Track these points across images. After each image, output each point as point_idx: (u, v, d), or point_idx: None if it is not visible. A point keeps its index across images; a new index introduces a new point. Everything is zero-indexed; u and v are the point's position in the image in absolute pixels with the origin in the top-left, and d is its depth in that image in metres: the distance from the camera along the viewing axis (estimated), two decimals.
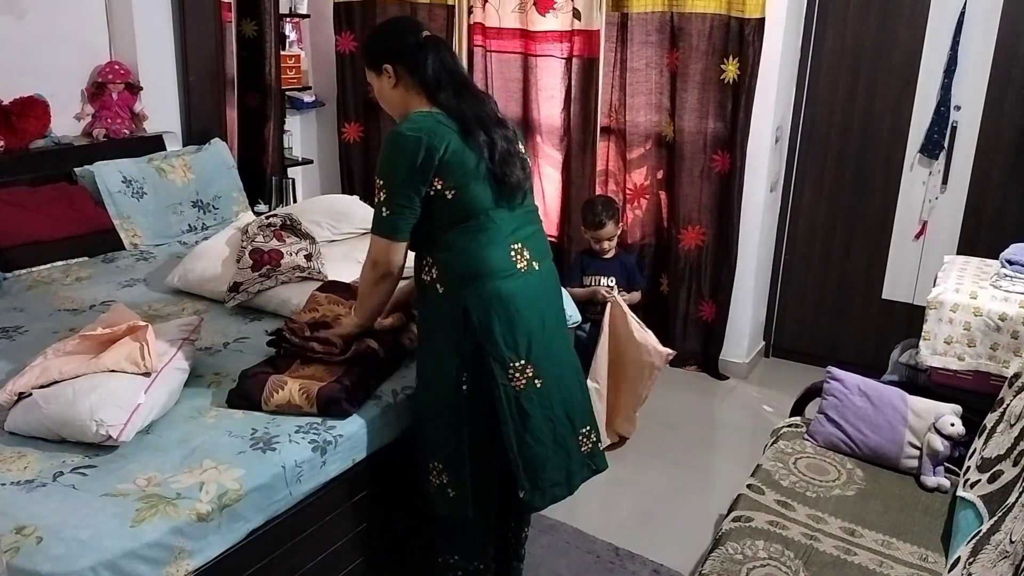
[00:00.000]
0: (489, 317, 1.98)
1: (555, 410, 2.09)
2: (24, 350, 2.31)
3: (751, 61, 3.58)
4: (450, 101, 2.00)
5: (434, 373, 2.07)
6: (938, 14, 3.56)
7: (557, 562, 2.62)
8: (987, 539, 1.65)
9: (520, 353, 2.02)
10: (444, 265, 2.01)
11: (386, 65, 2.04)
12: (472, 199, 1.97)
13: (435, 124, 1.95)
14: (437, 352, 2.06)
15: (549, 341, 2.08)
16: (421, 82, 2.02)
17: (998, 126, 3.54)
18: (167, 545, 1.66)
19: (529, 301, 2.04)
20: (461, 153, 1.95)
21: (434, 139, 1.92)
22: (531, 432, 2.05)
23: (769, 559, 1.91)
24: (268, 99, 4.10)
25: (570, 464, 2.15)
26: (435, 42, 2.07)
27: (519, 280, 2.03)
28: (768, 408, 3.74)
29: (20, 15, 3.38)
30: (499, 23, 4.05)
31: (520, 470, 2.07)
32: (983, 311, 2.52)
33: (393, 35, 2.09)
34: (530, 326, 2.03)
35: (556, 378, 2.09)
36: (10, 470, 1.79)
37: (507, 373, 2.01)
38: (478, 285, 1.98)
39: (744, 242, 3.86)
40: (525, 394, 2.03)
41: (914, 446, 2.32)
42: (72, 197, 3.28)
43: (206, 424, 2.01)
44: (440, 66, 2.02)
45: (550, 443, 2.09)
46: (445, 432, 2.07)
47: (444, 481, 2.10)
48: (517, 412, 2.03)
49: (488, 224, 1.99)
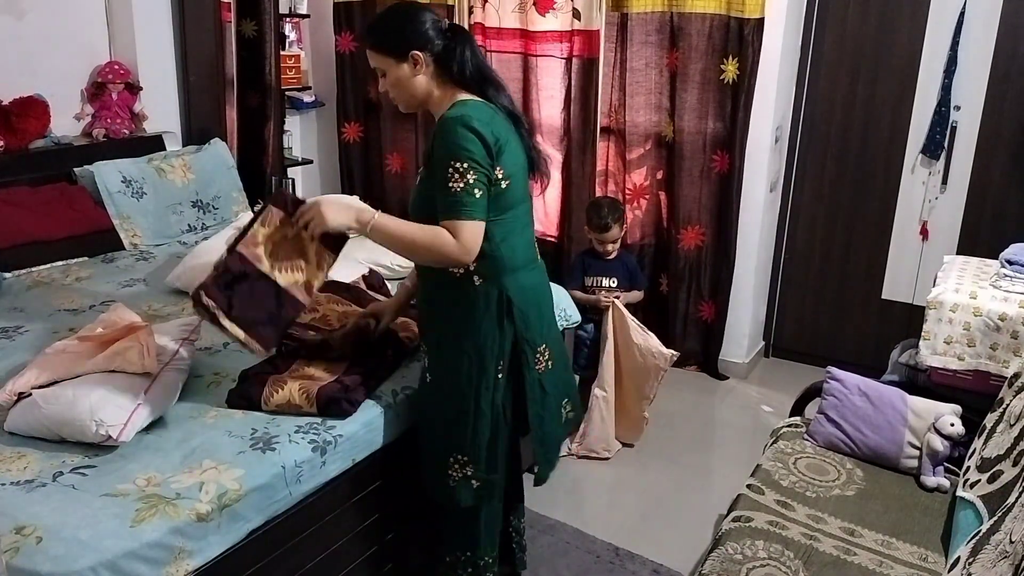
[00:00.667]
0: (527, 305, 2.07)
1: (558, 387, 2.23)
2: (24, 350, 2.32)
3: (751, 61, 3.58)
4: (496, 96, 2.02)
5: (466, 365, 2.05)
6: (938, 14, 3.56)
7: (557, 562, 2.62)
8: (987, 539, 1.65)
9: (544, 338, 2.14)
10: (485, 256, 1.99)
11: (414, 52, 1.96)
12: (517, 191, 2.02)
13: (491, 114, 1.97)
14: (472, 343, 2.04)
15: (555, 323, 2.26)
16: (458, 73, 1.99)
17: (998, 126, 3.54)
18: (167, 545, 1.66)
19: (546, 289, 2.20)
20: (515, 145, 2.01)
21: (497, 127, 1.94)
22: (548, 410, 2.18)
23: (769, 559, 1.91)
24: (268, 99, 4.10)
25: (561, 434, 2.35)
26: (464, 32, 2.06)
27: (539, 270, 2.17)
28: (768, 408, 3.74)
29: (20, 15, 3.38)
30: (499, 23, 4.04)
31: (540, 447, 2.21)
32: (983, 311, 2.52)
33: (420, 22, 1.99)
34: (548, 312, 2.19)
35: (559, 357, 2.23)
36: (10, 470, 1.79)
37: (535, 357, 2.11)
38: (515, 276, 2.05)
39: (744, 242, 3.86)
40: (545, 376, 2.14)
41: (914, 446, 2.32)
42: (72, 197, 3.28)
43: (206, 424, 2.01)
44: (477, 60, 2.01)
45: (558, 419, 2.24)
46: (474, 423, 2.07)
47: (468, 473, 2.11)
48: (540, 393, 2.14)
49: (522, 216, 2.07)
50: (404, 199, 4.43)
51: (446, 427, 2.12)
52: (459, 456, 2.10)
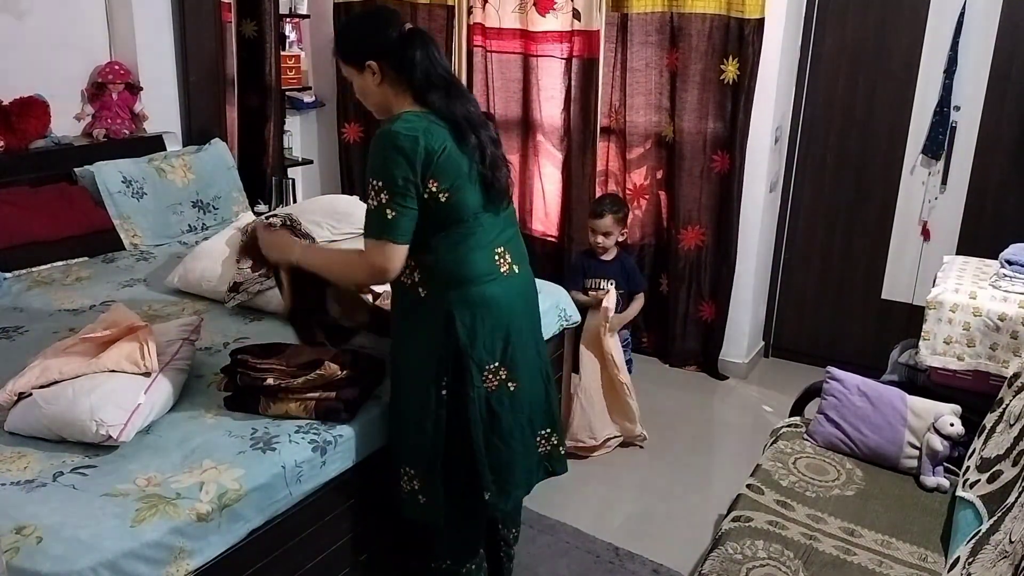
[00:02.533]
0: (474, 320, 1.96)
1: (524, 413, 2.08)
2: (24, 350, 2.31)
3: (751, 61, 3.58)
4: (441, 102, 1.93)
5: (412, 377, 2.04)
6: (938, 14, 3.56)
7: (557, 562, 2.62)
8: (986, 539, 1.65)
9: (496, 356, 2.01)
10: (428, 269, 1.97)
11: (370, 62, 1.95)
12: (463, 203, 1.93)
13: (429, 125, 1.89)
14: (416, 356, 2.02)
15: (524, 345, 2.08)
16: (408, 80, 1.94)
17: (998, 126, 3.54)
18: (167, 545, 1.66)
19: (509, 304, 2.03)
20: (456, 155, 1.91)
21: (431, 140, 1.87)
22: (500, 434, 2.04)
23: (769, 559, 1.91)
24: (268, 99, 4.10)
25: (530, 465, 2.15)
26: (420, 36, 1.98)
27: (502, 283, 2.02)
28: (768, 408, 3.74)
29: (20, 15, 3.38)
30: (499, 23, 4.04)
31: (486, 472, 2.04)
32: (982, 311, 2.52)
33: (375, 29, 1.98)
34: (508, 329, 2.02)
35: (528, 381, 2.09)
36: (10, 470, 1.79)
37: (482, 375, 2.00)
38: (464, 290, 1.96)
39: (744, 242, 3.86)
40: (496, 396, 2.02)
41: (913, 446, 2.32)
42: (72, 197, 3.28)
43: (206, 424, 2.01)
44: (429, 64, 1.94)
45: (518, 446, 2.08)
46: (419, 438, 2.04)
47: (415, 487, 2.08)
48: (487, 414, 2.02)
49: (476, 228, 1.96)
50: None
51: (398, 436, 2.11)
52: (408, 468, 2.08)
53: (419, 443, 2.04)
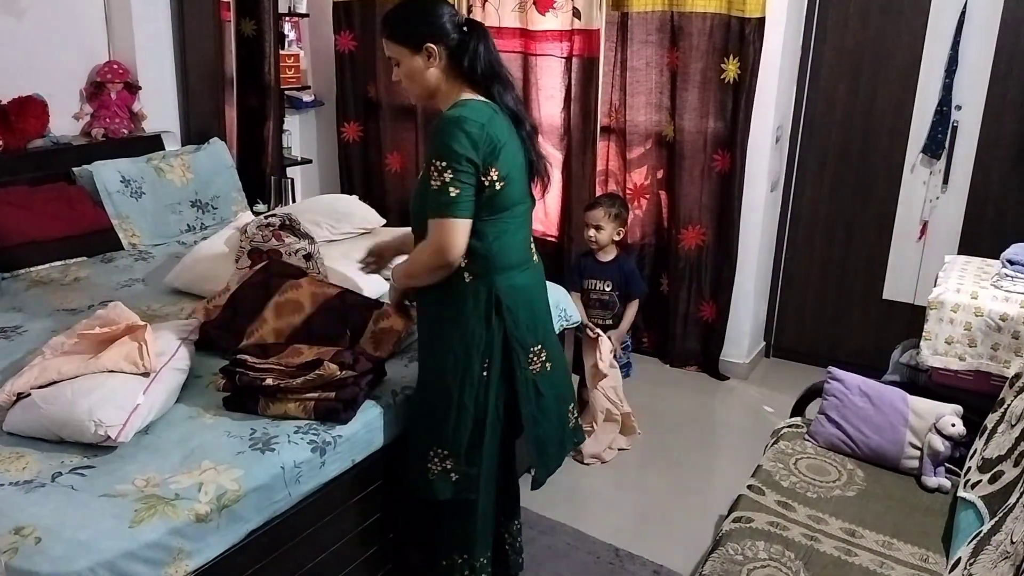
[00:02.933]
0: (518, 305, 2.06)
1: (558, 390, 2.22)
2: (23, 350, 2.31)
3: (751, 61, 3.57)
4: (502, 95, 2.02)
5: (453, 359, 2.05)
6: (938, 14, 3.55)
7: (557, 563, 2.62)
8: (988, 540, 1.64)
9: (538, 338, 2.13)
10: (475, 254, 2.00)
11: (429, 44, 1.97)
12: (514, 191, 2.02)
13: (491, 113, 1.97)
14: (460, 339, 2.04)
15: (549, 327, 2.23)
16: (468, 68, 1.99)
17: (999, 126, 3.53)
18: (166, 546, 1.65)
19: (540, 289, 2.19)
20: (513, 145, 2.01)
21: (495, 128, 1.94)
22: (544, 412, 2.17)
23: (769, 560, 1.91)
24: (267, 98, 4.09)
25: (563, 438, 2.29)
26: (482, 29, 2.06)
27: (533, 270, 2.16)
28: (768, 408, 3.73)
29: (19, 15, 3.37)
30: (499, 22, 4.04)
31: (534, 448, 2.19)
32: (984, 311, 2.51)
33: (437, 14, 2.00)
34: (542, 313, 2.18)
35: (557, 359, 2.22)
36: (9, 471, 1.79)
37: (528, 358, 2.11)
38: (508, 275, 2.05)
39: (744, 242, 3.85)
40: (540, 377, 2.14)
41: (915, 446, 2.31)
42: (71, 197, 3.28)
43: (205, 424, 2.00)
44: (491, 57, 2.02)
45: (555, 420, 2.23)
46: (458, 417, 2.07)
47: (448, 467, 2.11)
48: (535, 394, 2.14)
49: (519, 216, 2.07)
50: (404, 199, 4.43)
51: (429, 419, 2.12)
52: (439, 450, 2.10)
53: (453, 423, 2.07)
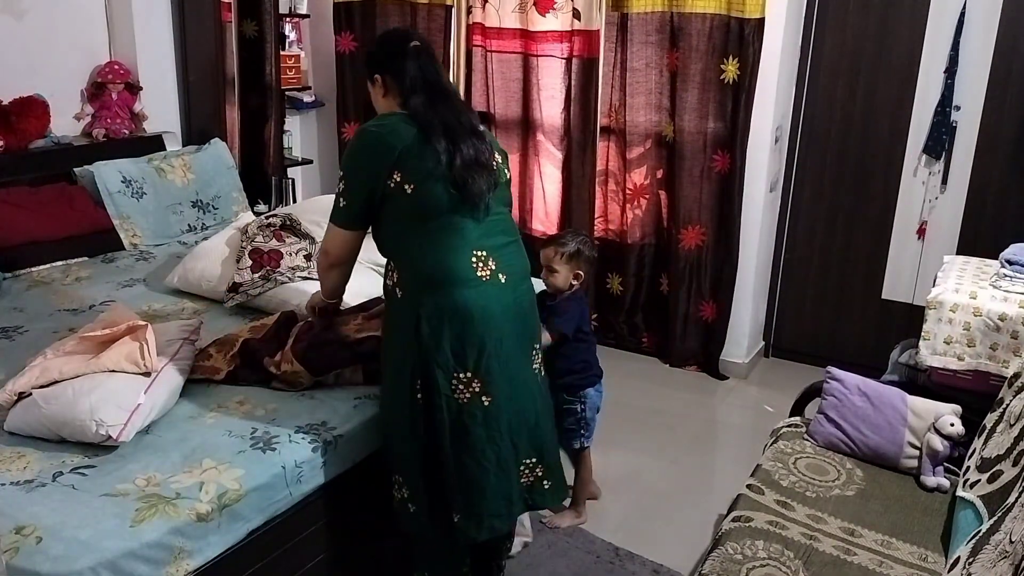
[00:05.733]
0: (441, 325, 1.93)
1: (501, 432, 1.99)
2: (24, 350, 2.31)
3: (751, 61, 3.58)
4: (418, 106, 2.01)
5: (392, 380, 2.05)
6: (938, 14, 3.55)
7: (557, 562, 2.62)
8: (987, 539, 1.64)
9: (467, 364, 1.94)
10: (405, 269, 2.00)
11: (376, 75, 2.10)
12: (431, 197, 1.95)
13: (396, 122, 2.00)
14: (395, 358, 2.03)
15: (506, 359, 1.99)
16: (399, 88, 2.05)
17: (998, 126, 3.53)
18: (167, 545, 1.66)
19: (488, 312, 1.96)
20: (419, 152, 1.95)
21: (392, 136, 1.97)
22: (471, 452, 1.97)
23: (769, 559, 1.91)
24: (268, 99, 4.10)
25: (509, 493, 2.04)
26: (419, 51, 2.08)
27: (479, 289, 1.96)
28: (768, 408, 3.74)
29: (20, 15, 3.38)
30: (499, 23, 4.04)
31: (455, 492, 1.99)
32: (983, 311, 2.51)
33: (383, 45, 2.16)
34: (484, 338, 1.95)
35: (508, 399, 2.00)
36: (10, 470, 1.79)
37: (450, 384, 1.95)
38: (436, 292, 1.94)
39: (744, 242, 3.86)
40: (468, 409, 1.96)
41: (914, 446, 2.32)
42: (72, 197, 3.28)
43: (206, 424, 2.01)
44: (419, 74, 2.05)
45: (493, 467, 1.98)
46: (403, 445, 2.03)
47: (404, 495, 2.07)
48: (457, 427, 1.96)
49: (451, 230, 1.96)
50: None
51: (387, 443, 2.11)
52: (397, 477, 2.08)
53: (404, 451, 2.04)
